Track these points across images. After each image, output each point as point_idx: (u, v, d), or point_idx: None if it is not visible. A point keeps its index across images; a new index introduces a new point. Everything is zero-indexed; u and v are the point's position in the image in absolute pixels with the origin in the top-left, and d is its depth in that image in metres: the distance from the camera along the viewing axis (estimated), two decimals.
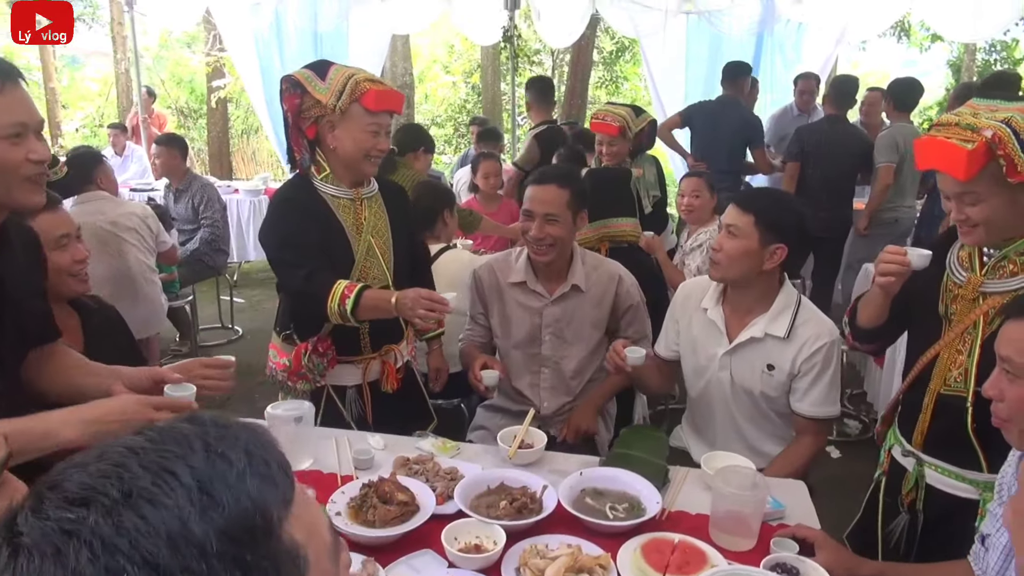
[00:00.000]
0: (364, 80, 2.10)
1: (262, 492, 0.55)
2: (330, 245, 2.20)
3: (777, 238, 2.06)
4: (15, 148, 1.34)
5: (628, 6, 6.53)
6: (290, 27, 7.18)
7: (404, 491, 1.71)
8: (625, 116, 3.82)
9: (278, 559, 0.55)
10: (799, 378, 2.11)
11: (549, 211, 2.29)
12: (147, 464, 0.53)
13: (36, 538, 0.49)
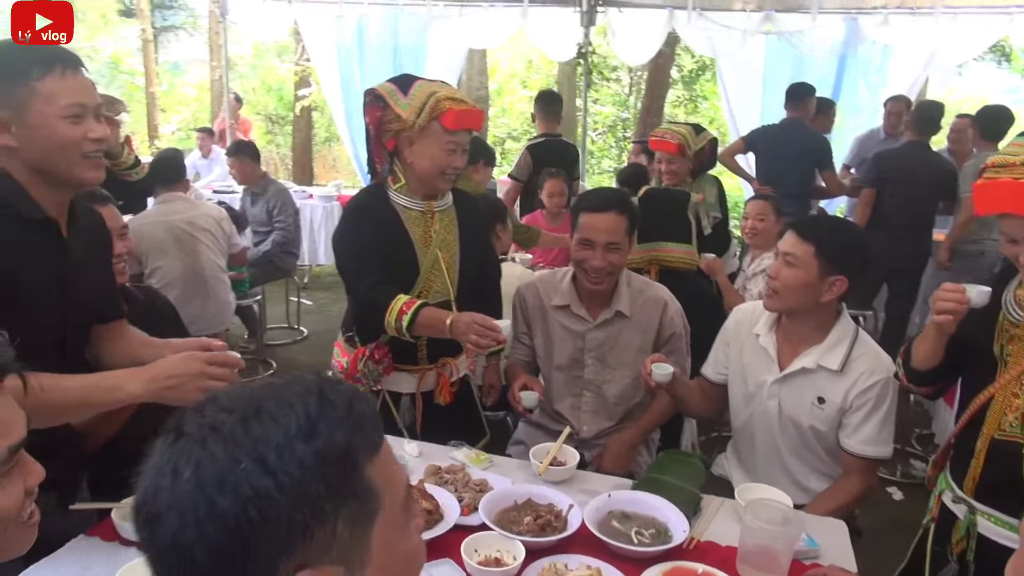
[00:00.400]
0: (445, 99, 2.11)
1: (353, 436, 0.69)
2: (396, 256, 2.23)
3: (837, 270, 1.98)
4: (75, 127, 1.47)
5: (706, 25, 6.46)
6: (371, 40, 7.39)
7: (429, 499, 1.73)
8: (684, 134, 3.77)
9: (356, 491, 0.68)
10: (850, 413, 2.03)
11: (611, 240, 2.25)
12: (276, 396, 0.69)
13: (193, 429, 0.67)
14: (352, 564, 0.69)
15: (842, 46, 6.45)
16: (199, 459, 0.65)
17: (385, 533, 0.71)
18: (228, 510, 0.63)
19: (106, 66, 15.38)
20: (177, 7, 16.47)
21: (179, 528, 0.63)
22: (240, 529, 0.63)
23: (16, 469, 0.87)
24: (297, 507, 0.64)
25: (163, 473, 0.66)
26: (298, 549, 0.65)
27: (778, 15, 6.37)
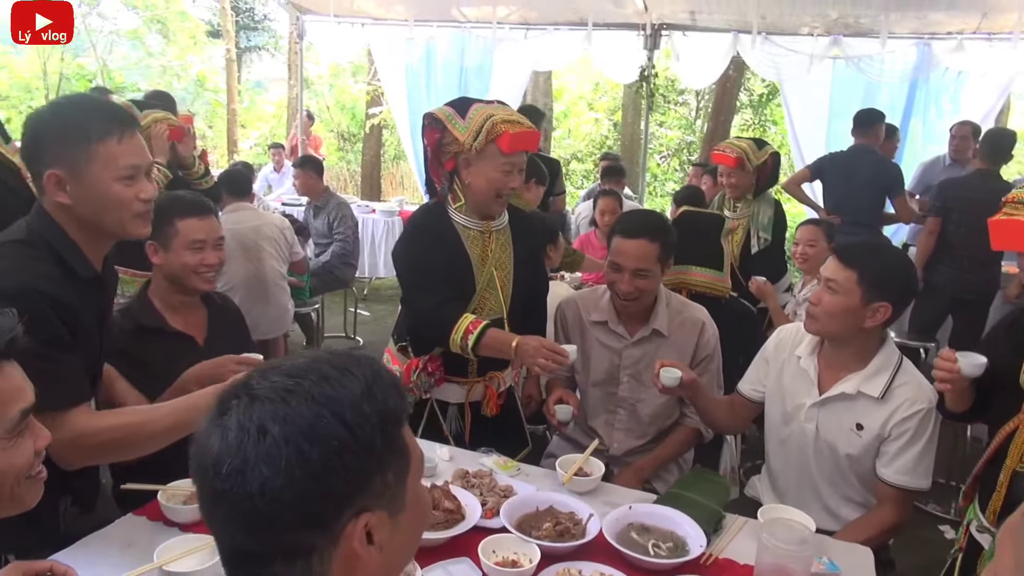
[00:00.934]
0: (501, 122, 2.17)
1: (397, 401, 0.82)
2: (454, 274, 2.30)
3: (881, 296, 1.95)
4: (129, 188, 1.58)
5: (771, 49, 6.42)
6: (439, 61, 7.61)
7: (452, 499, 1.79)
8: (745, 148, 3.76)
9: (399, 445, 0.82)
10: (889, 441, 1.99)
11: (639, 267, 2.27)
12: (334, 365, 0.80)
13: (266, 391, 0.77)
14: (394, 511, 0.81)
15: (913, 71, 6.30)
16: (285, 415, 0.75)
17: (413, 486, 0.84)
18: (315, 458, 0.74)
19: (193, 84, 16.21)
20: (261, 29, 17.26)
21: (271, 476, 0.73)
22: (325, 475, 0.74)
23: (27, 431, 1.01)
24: (367, 457, 0.77)
25: (246, 430, 0.75)
26: (363, 493, 0.78)
27: (846, 40, 6.28)
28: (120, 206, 1.58)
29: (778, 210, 3.80)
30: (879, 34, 6.00)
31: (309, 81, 15.11)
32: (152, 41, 16.27)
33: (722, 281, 2.81)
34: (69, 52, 15.35)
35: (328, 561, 0.77)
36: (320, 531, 0.76)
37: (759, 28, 6.29)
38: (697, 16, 6.42)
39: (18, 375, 1.00)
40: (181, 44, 16.30)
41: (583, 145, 14.05)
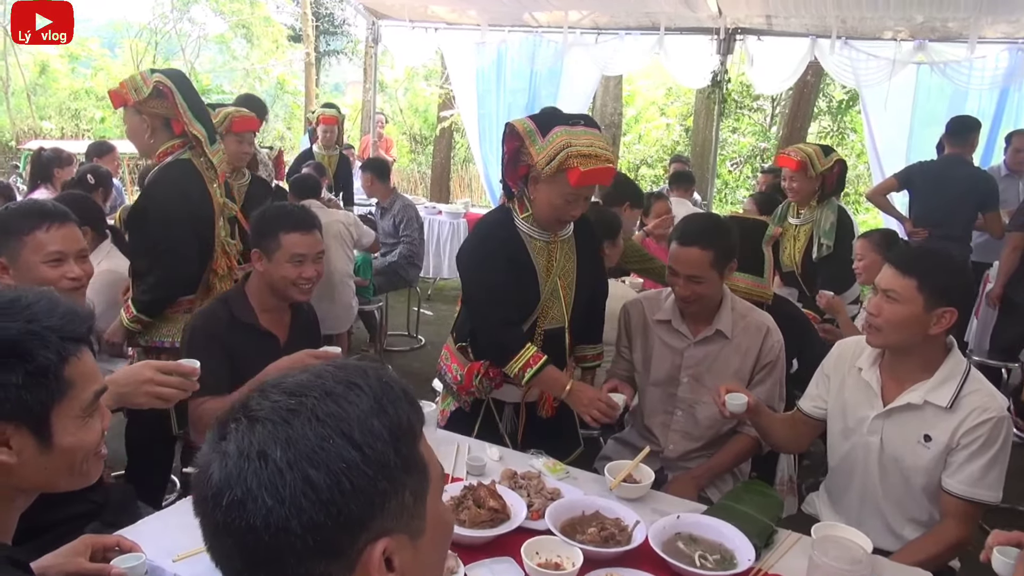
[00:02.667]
0: (576, 156, 2.13)
1: (411, 414, 0.76)
2: (519, 283, 2.33)
3: (945, 301, 1.89)
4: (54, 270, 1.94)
5: (851, 54, 6.21)
6: (510, 65, 7.66)
7: (497, 499, 1.80)
8: (810, 153, 3.66)
9: (415, 462, 0.75)
10: (956, 451, 1.91)
11: (693, 273, 2.26)
12: (338, 379, 0.75)
13: (268, 413, 0.71)
14: (415, 533, 0.75)
15: (1004, 78, 6.00)
16: (288, 438, 0.69)
17: (433, 505, 0.78)
18: (322, 483, 0.68)
19: (273, 86, 16.81)
20: (340, 33, 17.74)
21: (274, 505, 0.67)
22: (333, 501, 0.68)
23: (97, 412, 1.09)
24: (380, 477, 0.71)
25: (247, 456, 0.69)
26: (379, 517, 0.71)
27: (932, 44, 6.03)
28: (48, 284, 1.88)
29: (842, 217, 3.66)
30: (968, 38, 5.72)
31: (384, 84, 15.48)
32: (237, 45, 16.95)
33: (762, 287, 2.77)
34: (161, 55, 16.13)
35: None
36: (334, 560, 0.70)
37: (838, 32, 6.10)
38: (773, 20, 6.27)
39: (91, 360, 1.07)
40: (264, 48, 16.92)
41: (654, 150, 13.91)
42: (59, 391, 1.02)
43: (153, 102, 2.63)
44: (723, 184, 12.40)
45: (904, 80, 6.21)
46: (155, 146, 2.71)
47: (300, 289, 2.31)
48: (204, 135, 2.69)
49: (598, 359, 2.65)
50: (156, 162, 2.73)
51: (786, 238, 3.83)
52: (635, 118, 14.79)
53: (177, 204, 2.61)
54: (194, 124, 2.66)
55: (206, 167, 2.73)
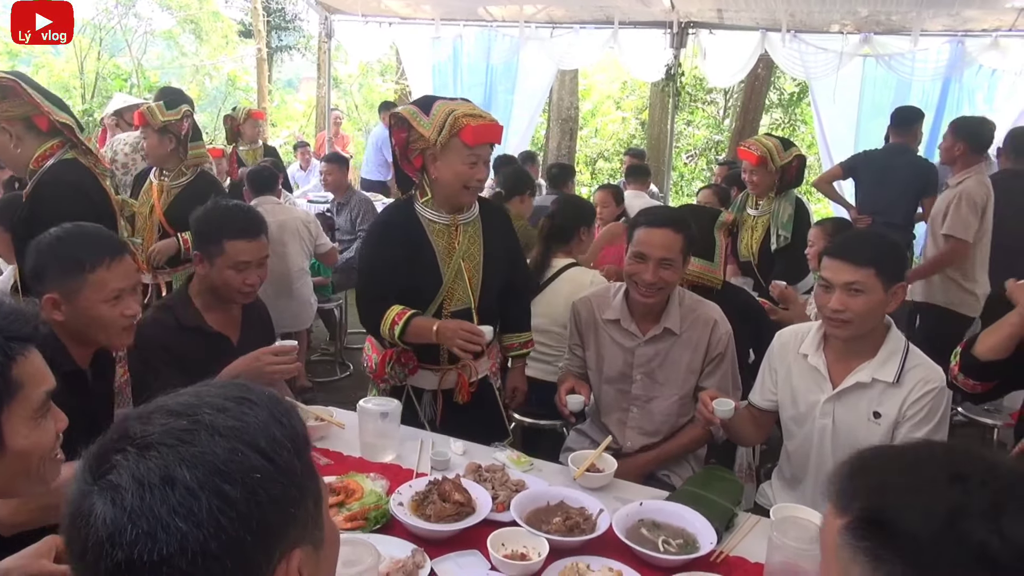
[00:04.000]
0: (463, 115, 2.25)
1: (301, 424, 0.76)
2: (419, 267, 2.38)
3: (896, 279, 1.98)
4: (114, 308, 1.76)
5: (800, 47, 6.35)
6: (465, 59, 7.65)
7: (462, 492, 1.80)
8: (771, 147, 3.73)
9: (312, 470, 0.75)
10: (902, 424, 1.99)
11: (665, 256, 2.26)
12: (227, 396, 0.72)
13: (160, 437, 0.67)
14: (317, 542, 0.74)
15: (946, 69, 6.20)
16: (193, 456, 0.65)
17: (327, 515, 0.78)
18: (239, 497, 0.65)
19: (224, 83, 16.45)
20: (292, 28, 17.45)
21: (189, 530, 0.63)
22: (251, 514, 0.66)
23: (49, 413, 1.07)
24: (290, 484, 0.70)
25: (148, 485, 0.64)
26: (292, 527, 0.70)
27: (877, 37, 6.19)
28: (108, 324, 1.76)
29: (799, 209, 3.74)
30: (911, 31, 5.91)
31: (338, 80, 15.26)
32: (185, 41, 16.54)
33: (713, 272, 2.82)
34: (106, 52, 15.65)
35: None
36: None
37: (788, 26, 6.24)
38: (724, 14, 6.37)
39: (40, 360, 1.05)
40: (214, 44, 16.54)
41: (610, 144, 14.01)
42: (8, 392, 0.99)
43: (4, 105, 2.37)
44: (679, 176, 12.55)
45: (851, 72, 6.38)
46: (25, 154, 2.44)
47: (243, 295, 2.25)
48: (73, 122, 2.47)
49: (526, 347, 2.68)
50: (35, 168, 2.45)
51: (744, 228, 3.90)
52: (591, 112, 14.88)
53: (72, 201, 2.36)
54: (58, 113, 2.42)
55: (93, 163, 2.52)
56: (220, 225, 2.21)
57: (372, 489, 1.87)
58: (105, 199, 2.54)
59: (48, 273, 1.73)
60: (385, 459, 2.10)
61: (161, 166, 3.54)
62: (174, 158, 3.51)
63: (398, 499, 1.81)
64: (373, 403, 2.14)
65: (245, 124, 5.72)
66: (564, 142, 9.18)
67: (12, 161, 2.51)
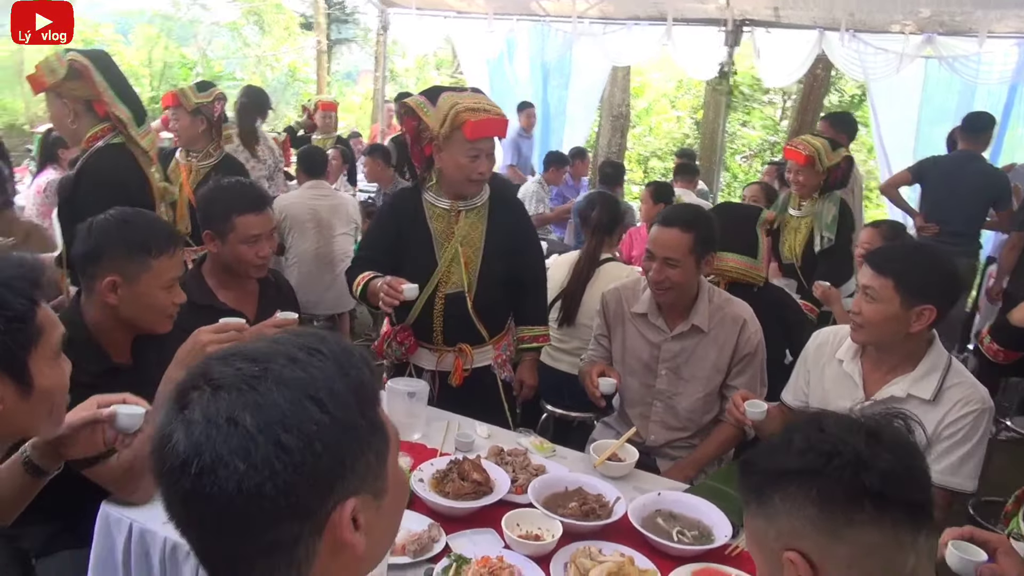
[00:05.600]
0: (465, 110, 2.29)
1: (371, 378, 0.78)
2: (416, 248, 2.48)
3: (922, 299, 1.89)
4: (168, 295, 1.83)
5: (859, 47, 6.18)
6: (519, 54, 7.68)
7: (481, 472, 1.84)
8: (819, 147, 3.65)
9: (377, 424, 0.78)
10: (937, 443, 1.93)
11: (669, 255, 2.25)
12: (299, 345, 0.76)
13: (232, 380, 0.72)
14: (378, 493, 0.78)
15: (1014, 73, 5.96)
16: (256, 403, 0.70)
17: (393, 467, 0.81)
18: (294, 446, 0.69)
19: (284, 74, 16.83)
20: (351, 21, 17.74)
21: (247, 470, 0.68)
22: (305, 463, 0.69)
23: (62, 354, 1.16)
24: (348, 438, 0.73)
25: (215, 424, 0.69)
26: (347, 477, 0.73)
27: (941, 39, 5.99)
28: (160, 310, 1.83)
29: (843, 210, 3.65)
30: (977, 33, 5.70)
31: (395, 73, 15.48)
32: (249, 32, 16.96)
33: (756, 269, 2.79)
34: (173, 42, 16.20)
35: (313, 552, 0.73)
36: (305, 521, 0.72)
37: (847, 25, 6.08)
38: (781, 12, 6.25)
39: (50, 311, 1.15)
40: (276, 36, 16.94)
41: (664, 143, 13.87)
42: (35, 336, 1.08)
43: (71, 84, 2.48)
44: (732, 177, 12.36)
45: (912, 74, 6.19)
46: (80, 131, 2.57)
47: (257, 268, 2.28)
48: (129, 116, 2.55)
49: (537, 341, 2.68)
50: (85, 147, 2.58)
51: (787, 230, 3.83)
52: (646, 110, 14.74)
53: (111, 193, 2.35)
54: (117, 105, 2.52)
55: (140, 152, 2.60)
56: (228, 202, 2.22)
57: None
58: (144, 188, 2.62)
59: (110, 254, 1.76)
60: (411, 438, 2.16)
61: (191, 147, 3.60)
62: (204, 139, 3.57)
63: (419, 475, 1.86)
64: (402, 383, 2.20)
65: (316, 115, 5.88)
66: (615, 139, 9.13)
67: (67, 133, 2.64)
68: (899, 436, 0.92)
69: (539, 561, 1.63)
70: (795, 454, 0.90)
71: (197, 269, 2.34)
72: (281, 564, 0.72)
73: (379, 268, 2.47)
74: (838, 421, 0.93)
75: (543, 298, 2.77)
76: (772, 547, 0.91)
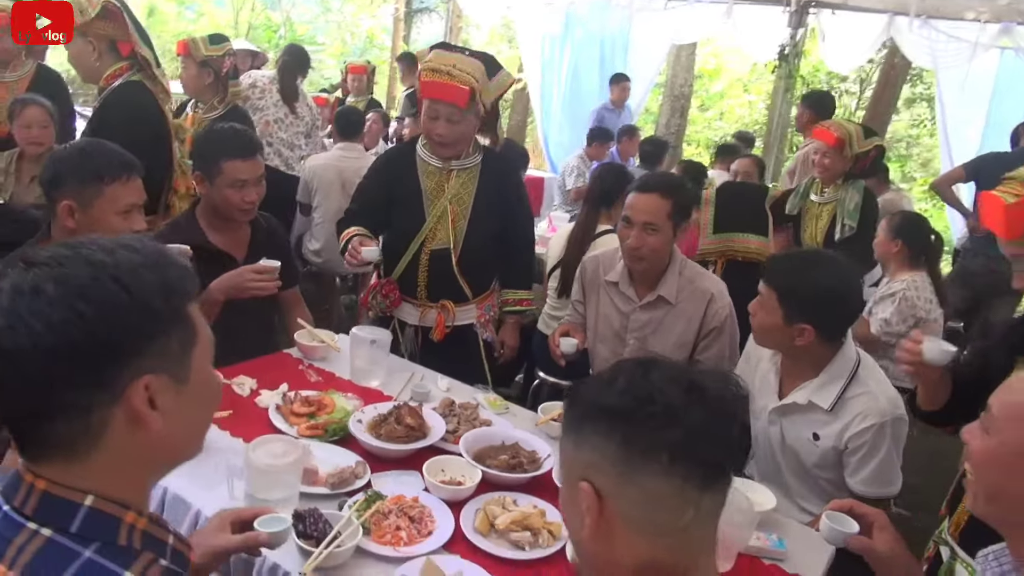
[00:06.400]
0: (426, 69, 2.36)
1: (183, 278, 0.86)
2: (406, 204, 2.55)
3: (800, 317, 1.85)
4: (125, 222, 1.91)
5: (929, 34, 5.88)
6: (577, 29, 7.60)
7: (417, 418, 1.90)
8: (851, 131, 3.54)
9: (182, 317, 0.85)
10: (848, 455, 1.91)
11: (649, 220, 2.25)
12: (118, 243, 0.83)
13: (44, 259, 0.80)
14: (179, 379, 0.84)
15: None
16: (59, 276, 0.77)
17: (199, 361, 0.88)
18: (91, 315, 0.76)
19: (364, 40, 17.13)
20: None
21: (43, 332, 0.75)
22: (98, 332, 0.77)
23: None
24: (146, 319, 0.80)
25: (20, 291, 0.77)
26: (144, 355, 0.80)
27: (1019, 28, 5.64)
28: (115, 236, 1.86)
29: (867, 198, 3.51)
30: None
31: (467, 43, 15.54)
32: None
33: (767, 247, 2.76)
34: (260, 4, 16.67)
35: (108, 421, 0.80)
36: (100, 389, 0.78)
37: (918, 10, 5.78)
38: None
39: None
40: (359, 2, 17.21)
41: (734, 127, 13.51)
42: None
43: (100, 23, 2.60)
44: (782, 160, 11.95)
45: (985, 65, 5.86)
46: (101, 69, 2.69)
47: (244, 212, 2.35)
48: (152, 57, 2.70)
49: (520, 304, 2.73)
50: (104, 85, 2.71)
51: (807, 217, 3.73)
52: (720, 94, 14.38)
53: (134, 125, 2.58)
54: (142, 46, 2.67)
55: (159, 90, 2.76)
56: (217, 147, 2.29)
57: (342, 406, 2.01)
58: (163, 122, 2.78)
59: (67, 181, 1.87)
60: (371, 384, 2.24)
61: (197, 98, 3.70)
62: (210, 92, 3.63)
63: (359, 417, 1.94)
64: (366, 331, 2.28)
65: (348, 78, 6.01)
66: (674, 120, 8.95)
67: (88, 71, 2.77)
68: (722, 395, 0.93)
69: (454, 506, 1.69)
70: (615, 393, 0.92)
71: (191, 210, 2.45)
72: (77, 428, 0.79)
73: (368, 221, 2.56)
74: (666, 369, 0.94)
75: (529, 263, 2.82)
76: (572, 473, 0.93)
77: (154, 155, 2.66)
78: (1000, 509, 1.08)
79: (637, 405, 0.89)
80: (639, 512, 0.89)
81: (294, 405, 1.98)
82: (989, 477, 1.07)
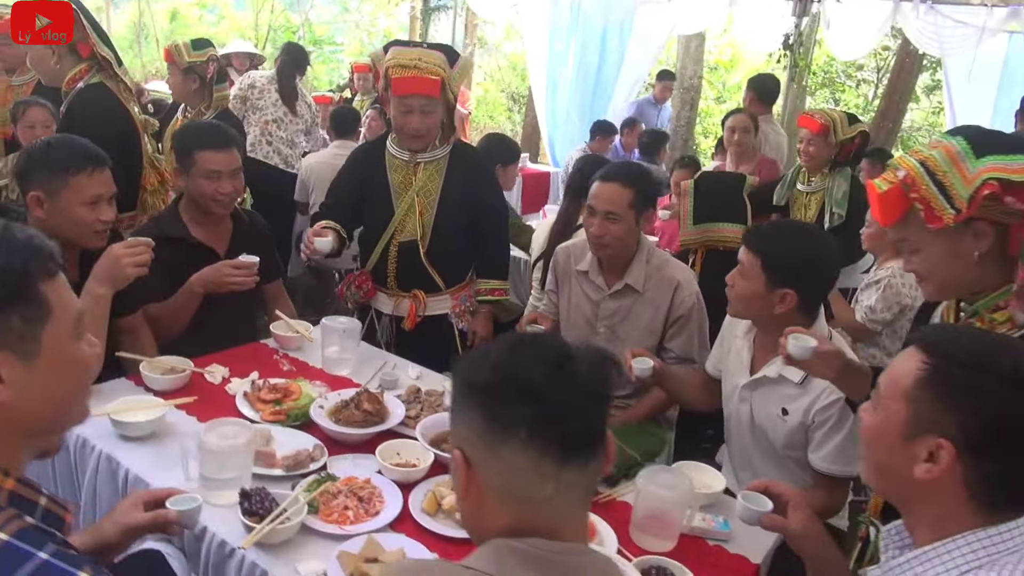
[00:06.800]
0: (394, 66, 2.41)
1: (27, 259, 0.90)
2: (375, 198, 2.62)
3: (783, 283, 1.88)
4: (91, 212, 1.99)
5: (935, 19, 5.82)
6: (583, 18, 7.59)
7: (376, 404, 1.96)
8: (835, 118, 3.53)
9: (27, 295, 0.90)
10: (814, 429, 1.92)
11: (610, 209, 2.28)
12: None
13: None
14: (25, 355, 0.89)
15: None
16: None
17: (55, 337, 0.92)
18: None
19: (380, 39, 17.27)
20: None
21: None
22: None
23: None
24: None
25: None
26: None
27: None
28: (82, 225, 1.99)
29: (855, 186, 3.50)
30: None
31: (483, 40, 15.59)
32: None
33: None
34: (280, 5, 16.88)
35: None
36: None
37: None
38: None
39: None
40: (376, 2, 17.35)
41: None
42: None
43: None
44: None
45: (992, 50, 5.77)
46: (62, 72, 2.73)
47: (219, 204, 2.41)
48: (112, 56, 2.73)
49: (493, 294, 2.78)
50: (67, 89, 2.76)
51: (795, 207, 3.72)
52: (738, 86, 14.24)
53: (100, 127, 2.57)
54: (101, 46, 2.70)
55: (121, 88, 2.79)
56: (192, 139, 2.39)
57: (308, 393, 2.07)
58: (129, 119, 2.82)
59: (35, 174, 1.97)
60: (341, 373, 2.30)
61: (185, 103, 3.77)
62: (197, 97, 3.67)
63: (321, 403, 2.00)
64: (338, 321, 2.34)
65: (353, 78, 6.10)
66: (684, 112, 8.89)
67: (49, 74, 2.83)
68: (595, 371, 0.95)
69: (405, 488, 1.74)
70: (486, 369, 0.95)
71: (175, 204, 2.53)
72: None
73: (340, 215, 2.63)
74: (536, 345, 0.98)
75: (502, 254, 2.86)
76: (452, 442, 0.98)
77: (124, 153, 2.69)
78: (887, 483, 1.10)
79: (500, 381, 0.93)
80: (501, 482, 0.93)
81: (261, 392, 2.05)
82: (876, 453, 1.09)
